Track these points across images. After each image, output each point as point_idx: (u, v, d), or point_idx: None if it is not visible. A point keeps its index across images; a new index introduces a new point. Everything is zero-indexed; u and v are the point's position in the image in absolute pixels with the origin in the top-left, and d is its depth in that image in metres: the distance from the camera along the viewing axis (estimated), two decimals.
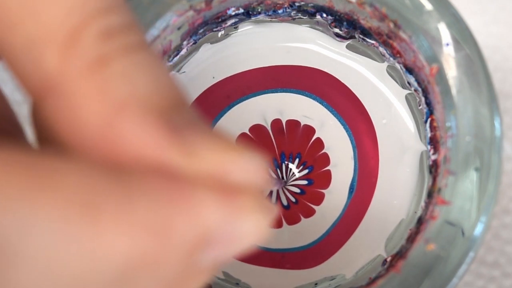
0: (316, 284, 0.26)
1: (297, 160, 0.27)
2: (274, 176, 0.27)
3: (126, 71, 0.12)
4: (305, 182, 0.27)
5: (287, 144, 0.27)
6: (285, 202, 0.27)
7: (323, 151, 0.27)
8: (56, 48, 0.12)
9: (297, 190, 0.27)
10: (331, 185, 0.27)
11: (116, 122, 0.12)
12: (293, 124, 0.27)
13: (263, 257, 0.26)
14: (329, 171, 0.27)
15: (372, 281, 0.24)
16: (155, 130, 0.12)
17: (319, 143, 0.27)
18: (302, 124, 0.27)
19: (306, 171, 0.27)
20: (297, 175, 0.27)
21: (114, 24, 0.13)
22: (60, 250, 0.11)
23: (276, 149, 0.27)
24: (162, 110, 0.13)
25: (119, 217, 0.11)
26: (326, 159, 0.27)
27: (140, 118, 0.12)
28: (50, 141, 0.13)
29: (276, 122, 0.27)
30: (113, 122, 0.12)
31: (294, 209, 0.27)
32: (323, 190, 0.27)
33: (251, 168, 0.13)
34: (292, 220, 0.27)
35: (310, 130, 0.27)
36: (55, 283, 0.11)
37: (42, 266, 0.11)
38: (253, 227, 0.13)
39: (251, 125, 0.27)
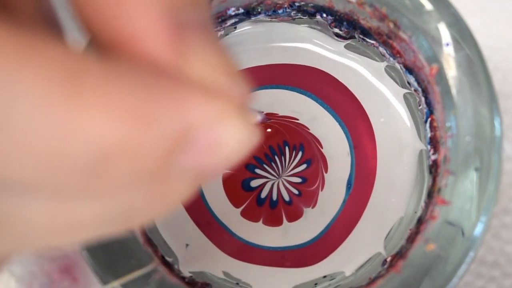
0: (316, 284, 0.26)
1: (287, 148, 0.27)
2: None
3: None
4: (304, 166, 0.27)
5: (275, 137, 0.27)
6: (287, 198, 0.27)
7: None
8: None
9: (298, 180, 0.27)
10: (328, 173, 0.27)
11: (126, 1, 0.12)
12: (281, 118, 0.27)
13: (263, 256, 0.27)
14: (325, 159, 0.27)
15: (372, 281, 0.24)
16: (157, 21, 0.12)
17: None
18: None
19: (300, 154, 0.27)
20: (294, 162, 0.27)
21: None
22: (38, 119, 0.10)
23: (263, 144, 0.27)
24: (176, 1, 0.12)
25: (104, 96, 0.11)
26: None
27: (148, 3, 0.12)
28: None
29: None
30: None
31: (296, 202, 0.27)
32: (324, 174, 0.27)
33: (237, 92, 0.13)
34: (294, 216, 0.27)
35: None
36: (29, 155, 0.10)
37: (16, 132, 0.10)
38: (235, 135, 0.12)
39: None
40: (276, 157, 0.27)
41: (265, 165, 0.27)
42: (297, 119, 0.27)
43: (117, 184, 0.11)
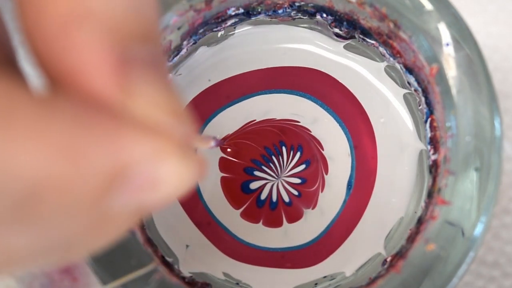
0: (316, 284, 0.26)
1: (284, 148, 0.27)
2: (213, 137, 0.27)
3: None
4: (303, 166, 0.27)
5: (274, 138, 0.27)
6: (286, 199, 0.27)
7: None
8: None
9: (298, 181, 0.27)
10: (329, 175, 0.27)
11: (73, 30, 0.12)
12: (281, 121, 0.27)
13: (264, 257, 0.26)
14: (325, 161, 0.27)
15: (372, 281, 0.24)
16: (103, 56, 0.12)
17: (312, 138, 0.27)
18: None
19: (298, 154, 0.27)
20: (292, 162, 0.27)
21: None
22: None
23: (258, 146, 0.27)
24: (123, 36, 0.12)
25: (34, 131, 0.11)
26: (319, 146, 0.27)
27: (95, 37, 0.12)
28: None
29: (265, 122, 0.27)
30: (71, 29, 0.12)
31: (296, 203, 0.27)
32: (324, 176, 0.27)
33: (180, 129, 0.13)
34: (294, 217, 0.27)
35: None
36: None
37: None
38: (174, 173, 0.12)
39: (238, 127, 0.27)
40: (273, 157, 0.27)
41: (263, 167, 0.27)
42: (298, 122, 0.27)
43: (49, 216, 0.11)
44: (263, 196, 0.27)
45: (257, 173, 0.27)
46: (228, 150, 0.27)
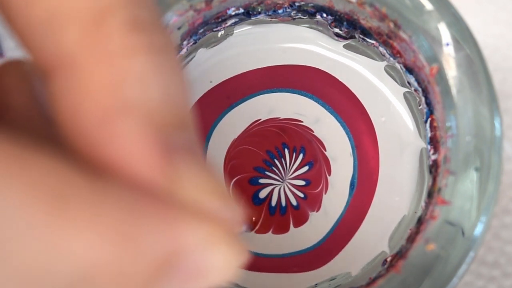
0: (316, 284, 0.26)
1: (286, 150, 0.27)
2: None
3: (144, 71, 0.12)
4: (306, 168, 0.27)
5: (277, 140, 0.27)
6: (294, 202, 0.27)
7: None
8: (79, 25, 0.12)
9: (302, 183, 0.27)
10: (332, 176, 0.27)
11: (114, 122, 0.12)
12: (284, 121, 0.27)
13: (271, 263, 0.26)
14: (328, 162, 0.27)
15: (372, 281, 0.24)
16: (147, 145, 0.12)
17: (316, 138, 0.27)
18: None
19: (301, 156, 0.27)
20: (295, 164, 0.27)
21: (142, 18, 0.12)
22: (19, 239, 0.10)
23: (259, 150, 0.27)
24: (163, 125, 0.12)
25: (89, 217, 0.11)
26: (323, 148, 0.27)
27: (137, 127, 0.12)
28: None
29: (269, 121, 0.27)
30: (111, 121, 0.12)
31: (303, 205, 0.27)
32: (327, 177, 0.27)
33: (228, 214, 0.13)
34: (300, 221, 0.27)
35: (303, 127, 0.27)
36: (11, 271, 0.10)
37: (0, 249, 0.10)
38: (223, 262, 0.12)
39: (243, 128, 0.27)
40: (276, 161, 0.27)
41: (267, 172, 0.27)
42: (301, 121, 0.27)
43: None
44: (274, 202, 0.27)
45: (262, 180, 0.27)
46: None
